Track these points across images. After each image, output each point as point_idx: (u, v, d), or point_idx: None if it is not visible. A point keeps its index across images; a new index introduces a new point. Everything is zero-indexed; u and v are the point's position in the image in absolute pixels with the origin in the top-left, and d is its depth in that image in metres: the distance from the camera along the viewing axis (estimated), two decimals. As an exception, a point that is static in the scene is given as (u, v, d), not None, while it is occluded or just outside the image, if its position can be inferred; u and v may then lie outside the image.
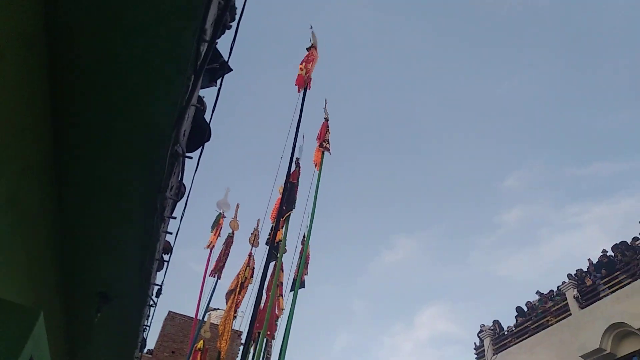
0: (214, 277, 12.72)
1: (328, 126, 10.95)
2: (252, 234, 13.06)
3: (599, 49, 64.47)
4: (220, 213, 13.71)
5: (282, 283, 10.85)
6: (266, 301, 10.54)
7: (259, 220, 13.04)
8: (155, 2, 2.69)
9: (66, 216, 4.28)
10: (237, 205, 13.61)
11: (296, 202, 10.76)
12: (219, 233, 13.83)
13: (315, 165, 10.46)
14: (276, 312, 12.68)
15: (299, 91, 9.85)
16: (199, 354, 11.83)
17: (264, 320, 9.78)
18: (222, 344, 11.52)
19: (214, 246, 13.68)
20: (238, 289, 12.05)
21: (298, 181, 11.19)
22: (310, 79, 9.89)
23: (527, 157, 71.34)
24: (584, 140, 68.27)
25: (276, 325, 12.98)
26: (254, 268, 12.48)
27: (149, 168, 3.73)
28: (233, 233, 13.24)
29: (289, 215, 10.68)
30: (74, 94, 3.35)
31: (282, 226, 10.83)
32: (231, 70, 4.47)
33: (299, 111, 9.33)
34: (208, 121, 3.94)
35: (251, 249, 12.73)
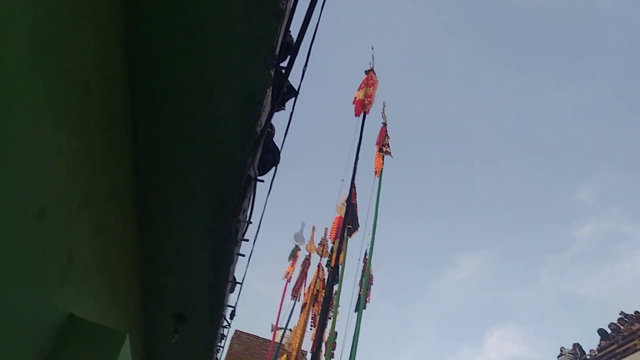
0: (293, 300, 12.90)
1: (387, 131, 10.73)
2: (319, 244, 13.10)
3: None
4: (296, 246, 14.02)
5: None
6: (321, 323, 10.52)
7: (326, 229, 13.02)
8: (232, 37, 2.77)
9: (146, 241, 4.47)
10: (313, 229, 13.72)
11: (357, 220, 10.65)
12: (295, 264, 14.19)
13: (376, 172, 10.16)
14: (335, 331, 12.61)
15: (357, 115, 9.72)
16: None
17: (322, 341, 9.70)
18: (293, 354, 11.64)
19: (291, 277, 13.97)
20: (311, 302, 12.09)
21: (356, 201, 11.13)
22: (371, 103, 9.82)
23: (597, 167, 67.22)
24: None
25: (335, 343, 12.86)
26: (324, 279, 12.46)
27: (223, 192, 3.82)
28: (310, 255, 13.38)
29: (349, 236, 10.64)
30: (153, 123, 3.51)
31: (343, 247, 10.79)
32: (298, 93, 4.53)
33: (358, 134, 9.25)
34: (280, 145, 3.99)
35: (320, 260, 12.76)
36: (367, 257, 11.36)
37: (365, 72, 10.69)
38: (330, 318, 10.93)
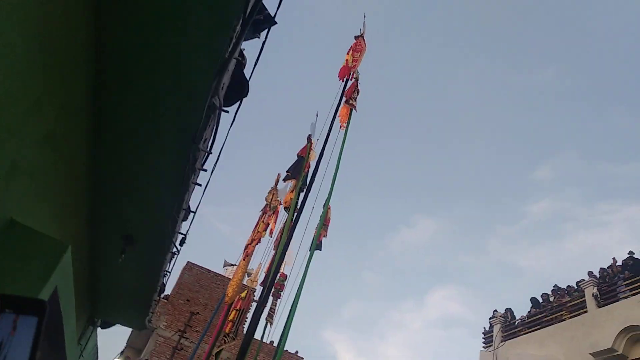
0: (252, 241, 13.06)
1: (358, 86, 10.70)
2: (269, 192, 13.18)
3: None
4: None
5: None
6: (272, 260, 10.83)
7: (278, 175, 13.10)
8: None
9: (101, 156, 4.34)
10: (278, 176, 13.59)
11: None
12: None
13: (341, 125, 10.14)
14: (283, 273, 12.99)
15: (340, 78, 9.63)
16: (240, 302, 12.22)
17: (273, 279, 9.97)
18: (229, 292, 11.92)
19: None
20: (250, 242, 12.37)
21: (308, 157, 11.24)
22: (356, 67, 9.71)
23: (562, 148, 69.44)
24: (624, 137, 65.74)
25: (283, 285, 13.31)
26: (268, 224, 12.69)
27: (185, 118, 3.72)
28: (270, 203, 13.35)
29: (299, 181, 10.85)
30: (118, 33, 3.32)
31: (293, 190, 10.99)
32: (276, 23, 4.35)
33: (336, 94, 9.18)
34: (249, 76, 3.87)
35: (266, 206, 12.90)
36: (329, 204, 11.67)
37: (355, 37, 10.56)
38: (285, 261, 11.21)
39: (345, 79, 9.91)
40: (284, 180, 11.18)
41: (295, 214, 10.20)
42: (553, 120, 70.81)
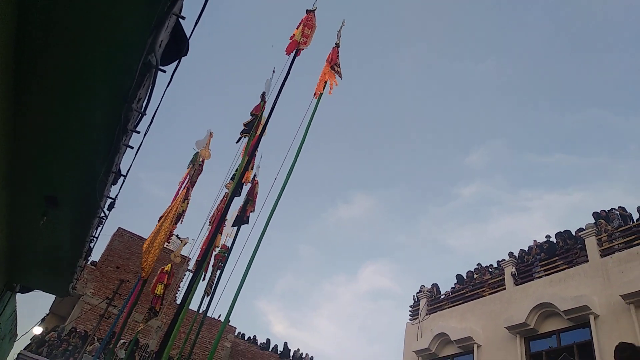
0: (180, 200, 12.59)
1: (339, 52, 10.48)
2: (192, 166, 12.87)
3: (584, 45, 64.95)
4: (197, 152, 13.44)
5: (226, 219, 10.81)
6: (210, 233, 10.61)
7: (211, 134, 12.89)
8: None
9: (23, 110, 4.01)
10: (211, 134, 13.26)
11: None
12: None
13: (315, 93, 9.74)
14: (225, 245, 12.80)
15: (287, 53, 9.33)
16: (166, 276, 11.83)
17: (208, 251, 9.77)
18: (147, 263, 11.41)
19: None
20: (173, 219, 11.90)
21: (261, 115, 10.98)
22: (306, 44, 9.44)
23: (494, 135, 72.79)
24: (550, 130, 69.97)
25: (225, 256, 13.09)
26: (189, 202, 12.40)
27: (117, 75, 3.49)
28: (203, 162, 12.97)
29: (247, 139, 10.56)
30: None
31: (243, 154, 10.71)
32: None
33: (284, 70, 8.90)
34: (189, 33, 3.67)
35: (187, 183, 12.56)
36: (255, 178, 11.54)
37: (307, 11, 10.21)
38: (221, 233, 11.00)
39: (292, 54, 9.60)
40: (241, 133, 10.75)
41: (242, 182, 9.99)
42: (486, 110, 74.02)
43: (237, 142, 10.89)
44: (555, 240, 14.54)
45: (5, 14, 3.15)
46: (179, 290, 20.99)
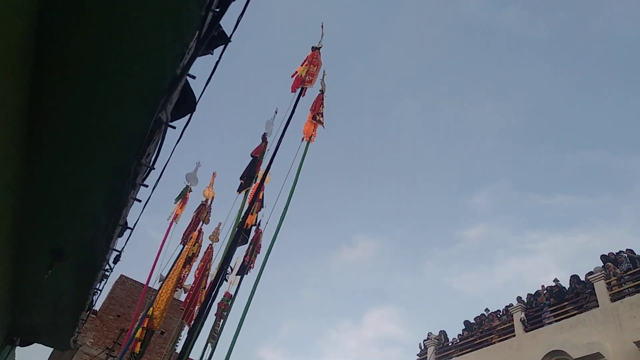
0: (182, 244, 12.40)
1: (323, 99, 10.42)
2: (203, 209, 12.78)
3: (585, 86, 66.22)
4: (187, 186, 13.37)
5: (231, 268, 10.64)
6: (202, 282, 10.42)
7: (214, 174, 12.93)
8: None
9: (33, 166, 4.06)
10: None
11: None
12: (185, 206, 13.55)
13: (304, 137, 9.75)
14: (228, 292, 12.53)
15: (292, 91, 9.30)
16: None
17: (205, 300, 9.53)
18: (155, 312, 11.22)
19: (176, 218, 13.38)
20: (183, 264, 11.74)
21: (262, 156, 10.87)
22: (312, 83, 9.42)
23: (498, 178, 72.92)
24: (551, 171, 70.22)
25: (227, 305, 12.77)
26: (201, 245, 12.22)
27: (129, 132, 3.56)
28: (206, 201, 12.88)
29: (248, 190, 10.45)
30: (60, 36, 3.13)
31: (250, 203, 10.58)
32: (230, 41, 4.29)
33: (289, 108, 8.85)
34: (200, 92, 3.76)
35: (201, 225, 12.42)
36: (259, 228, 11.30)
37: (312, 48, 10.22)
38: (226, 280, 10.82)
39: (298, 92, 9.52)
40: (238, 191, 10.69)
41: (245, 228, 9.88)
42: (488, 152, 74.59)
43: (238, 192, 10.80)
44: (562, 285, 14.34)
45: (20, 69, 3.25)
46: (179, 339, 20.51)
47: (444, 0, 67.00)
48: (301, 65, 9.70)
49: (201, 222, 12.14)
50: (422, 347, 18.03)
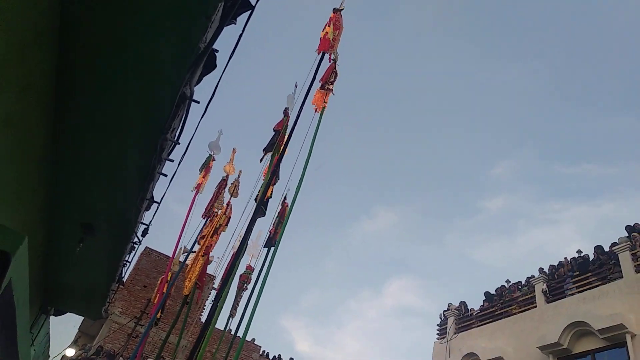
0: (205, 218, 12.60)
1: (336, 68, 10.21)
2: (232, 184, 12.89)
3: (605, 51, 63.89)
4: (210, 155, 13.32)
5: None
6: (234, 254, 10.59)
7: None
8: None
9: (62, 143, 4.15)
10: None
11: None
12: (208, 176, 13.58)
13: (316, 110, 9.64)
14: (248, 265, 12.76)
15: (319, 52, 9.04)
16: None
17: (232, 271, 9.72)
18: (187, 285, 11.62)
19: (200, 189, 13.46)
20: (211, 234, 11.99)
21: (285, 130, 10.82)
22: (334, 48, 9.16)
23: (520, 147, 71.73)
24: (577, 139, 68.63)
25: (250, 277, 13.01)
26: (229, 217, 12.39)
27: (154, 108, 3.59)
28: (227, 177, 12.97)
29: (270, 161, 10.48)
30: (87, 24, 3.15)
31: (272, 180, 10.62)
32: (253, 8, 4.20)
33: (310, 71, 8.66)
34: (224, 66, 3.75)
35: (230, 199, 12.57)
36: (286, 200, 11.36)
37: (334, 10, 9.84)
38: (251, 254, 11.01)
39: (321, 54, 9.23)
40: (263, 150, 10.72)
41: (263, 201, 9.94)
42: (513, 119, 73.06)
43: (260, 161, 10.83)
44: (586, 255, 14.19)
45: (50, 50, 3.29)
46: (204, 309, 21.09)
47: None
48: (328, 26, 9.33)
49: (230, 196, 12.30)
50: (442, 318, 18.18)
